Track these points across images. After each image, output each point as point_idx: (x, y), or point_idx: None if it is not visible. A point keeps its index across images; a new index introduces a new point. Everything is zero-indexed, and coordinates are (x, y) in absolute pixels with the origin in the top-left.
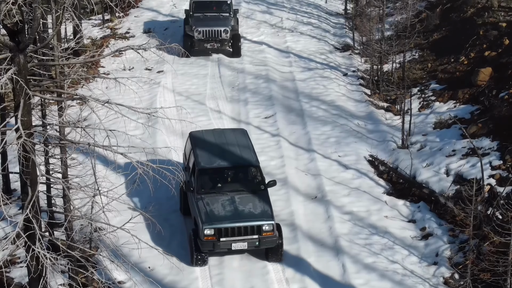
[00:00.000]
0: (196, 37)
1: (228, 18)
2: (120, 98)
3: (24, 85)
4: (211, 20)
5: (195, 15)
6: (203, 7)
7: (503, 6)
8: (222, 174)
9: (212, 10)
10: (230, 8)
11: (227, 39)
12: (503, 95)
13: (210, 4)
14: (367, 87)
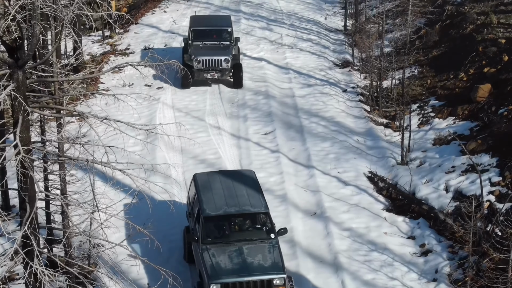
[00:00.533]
0: (196, 66)
1: (229, 47)
2: (120, 115)
3: (22, 102)
4: (211, 49)
5: (194, 43)
6: (202, 35)
7: (502, 23)
8: (229, 222)
9: (212, 38)
10: (231, 36)
11: (228, 68)
12: (502, 111)
13: (210, 32)
14: (366, 103)
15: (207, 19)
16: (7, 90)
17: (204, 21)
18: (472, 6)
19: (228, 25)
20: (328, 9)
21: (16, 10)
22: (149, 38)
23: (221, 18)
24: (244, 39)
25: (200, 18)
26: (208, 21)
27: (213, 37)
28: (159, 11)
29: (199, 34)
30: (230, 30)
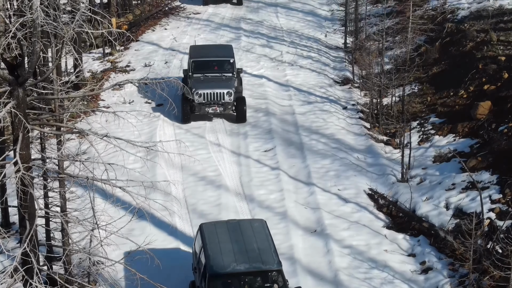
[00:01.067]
0: (197, 100)
1: (231, 79)
2: (120, 132)
3: (23, 119)
4: (212, 81)
5: (195, 75)
6: (203, 67)
7: (502, 40)
8: (238, 281)
9: (214, 70)
10: (233, 68)
11: (231, 102)
12: (502, 129)
13: (211, 64)
14: (366, 120)
15: (207, 49)
16: (8, 107)
17: (204, 51)
18: (472, 23)
19: (230, 56)
20: (328, 27)
21: (17, 27)
22: (150, 55)
23: (223, 48)
24: (245, 56)
25: (200, 48)
26: (208, 52)
27: (214, 68)
28: (160, 28)
29: (199, 66)
30: (232, 61)
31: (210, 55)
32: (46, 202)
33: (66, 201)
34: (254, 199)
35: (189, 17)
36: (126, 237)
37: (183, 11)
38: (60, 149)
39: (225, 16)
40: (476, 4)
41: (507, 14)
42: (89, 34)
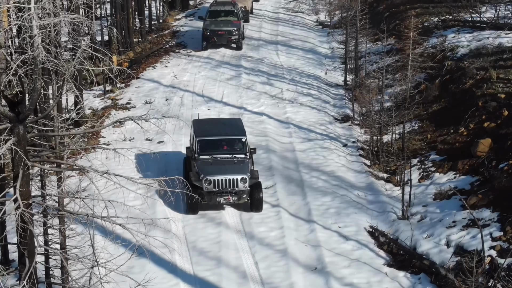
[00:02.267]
0: (206, 188)
1: (244, 162)
2: (120, 169)
3: (23, 156)
4: (223, 165)
5: (202, 157)
6: (211, 147)
7: (501, 78)
8: None
9: (223, 150)
10: (246, 148)
11: (246, 190)
12: (503, 166)
13: (220, 143)
14: (367, 157)
15: (214, 124)
16: (8, 144)
17: (211, 127)
18: (471, 61)
19: (241, 133)
20: (329, 65)
21: (18, 64)
22: (150, 92)
23: (232, 123)
24: (245, 94)
25: (206, 123)
26: (216, 128)
27: (224, 148)
28: (160, 66)
29: (206, 146)
30: (245, 140)
31: (219, 133)
32: (46, 239)
33: (66, 238)
34: (254, 237)
35: (189, 54)
36: (126, 274)
37: (184, 48)
38: (60, 186)
39: (225, 54)
40: (476, 42)
41: (507, 52)
42: (90, 71)
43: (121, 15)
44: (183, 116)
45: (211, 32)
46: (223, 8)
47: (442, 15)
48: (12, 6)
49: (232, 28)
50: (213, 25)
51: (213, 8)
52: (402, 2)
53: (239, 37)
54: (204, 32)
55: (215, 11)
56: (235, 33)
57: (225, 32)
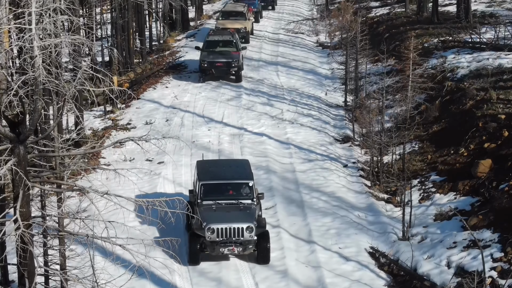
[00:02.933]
0: (208, 237)
1: (251, 208)
2: (120, 189)
3: (23, 176)
4: (227, 211)
5: (205, 203)
6: (215, 191)
7: (501, 99)
8: None
9: (228, 195)
10: (253, 193)
11: (252, 240)
12: (503, 187)
13: (225, 187)
14: (367, 178)
15: (219, 166)
16: (8, 164)
17: (216, 170)
18: (471, 82)
19: (248, 177)
20: (329, 85)
21: (19, 85)
22: (151, 113)
23: (238, 165)
24: (245, 115)
25: (210, 165)
26: (221, 171)
27: (229, 193)
28: (161, 86)
29: (210, 190)
30: (252, 184)
31: (224, 176)
32: (46, 260)
33: (66, 259)
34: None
35: (190, 75)
36: None
37: (185, 69)
38: (60, 206)
39: None
40: (476, 63)
41: (507, 73)
42: (91, 92)
43: (121, 36)
44: (183, 136)
45: (209, 64)
46: (221, 37)
47: (442, 36)
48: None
49: (231, 59)
50: (211, 56)
51: (211, 37)
52: (402, 23)
53: (239, 69)
54: (201, 64)
55: (212, 41)
56: (234, 65)
57: (223, 64)
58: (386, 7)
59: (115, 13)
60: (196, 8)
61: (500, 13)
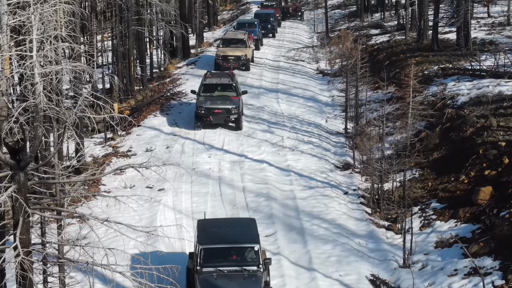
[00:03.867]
0: None
1: (256, 276)
2: (121, 216)
3: (23, 203)
4: (230, 280)
5: (205, 270)
6: (216, 256)
7: (502, 126)
8: None
9: (231, 260)
10: (259, 258)
11: None
12: (504, 214)
13: (228, 252)
14: (367, 205)
15: (221, 227)
16: (8, 191)
17: (217, 231)
18: (471, 109)
19: (254, 240)
20: (329, 112)
21: (19, 112)
22: (151, 140)
23: (243, 225)
24: (246, 142)
25: (212, 226)
26: (223, 232)
27: (233, 258)
28: (161, 113)
29: (211, 256)
30: (258, 249)
31: (226, 239)
32: (45, 287)
33: (66, 286)
34: None
35: (190, 102)
36: None
37: (185, 96)
38: (60, 233)
39: None
40: (476, 90)
41: (507, 100)
42: (91, 119)
43: (122, 63)
44: (184, 163)
45: (206, 111)
46: (219, 81)
47: (442, 63)
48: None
49: (231, 106)
50: (208, 102)
51: (208, 81)
52: (402, 51)
53: (239, 116)
54: (198, 110)
55: (210, 85)
56: (234, 112)
57: (222, 111)
58: (386, 34)
59: (116, 40)
60: (197, 36)
61: (500, 40)
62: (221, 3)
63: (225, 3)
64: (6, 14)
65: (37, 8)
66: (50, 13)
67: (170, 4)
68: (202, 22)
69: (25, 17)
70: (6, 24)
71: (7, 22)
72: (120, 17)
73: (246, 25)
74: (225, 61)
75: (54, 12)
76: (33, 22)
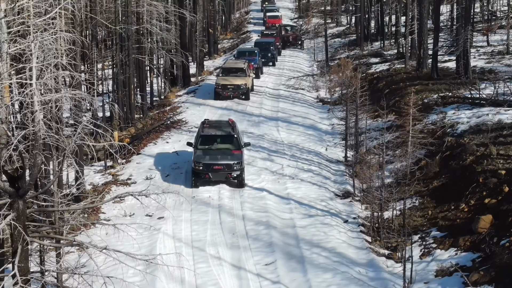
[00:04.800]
0: None
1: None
2: (120, 245)
3: (22, 231)
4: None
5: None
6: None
7: (501, 154)
8: None
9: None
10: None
11: None
12: (504, 243)
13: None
14: (367, 234)
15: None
16: (7, 219)
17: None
18: (471, 137)
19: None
20: (329, 140)
21: (19, 140)
22: (151, 168)
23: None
24: (246, 170)
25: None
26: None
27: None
28: (162, 141)
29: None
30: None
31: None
32: None
33: None
34: None
35: (190, 130)
36: None
37: (185, 124)
38: (59, 261)
39: None
40: (476, 119)
41: (506, 128)
42: (91, 147)
43: (123, 91)
44: (183, 191)
45: (205, 167)
46: (219, 132)
47: (442, 92)
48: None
49: (232, 161)
50: (206, 157)
51: (206, 131)
52: (402, 79)
53: (241, 172)
54: (195, 166)
55: (208, 136)
56: (236, 168)
57: (222, 167)
58: (386, 63)
59: (117, 68)
60: (197, 64)
61: (499, 69)
62: (222, 31)
63: (226, 32)
64: (6, 42)
65: (37, 37)
66: (50, 41)
67: (170, 33)
68: (203, 51)
69: (25, 45)
70: (6, 52)
71: (7, 50)
72: (121, 45)
73: (246, 53)
74: (224, 90)
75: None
76: (33, 50)
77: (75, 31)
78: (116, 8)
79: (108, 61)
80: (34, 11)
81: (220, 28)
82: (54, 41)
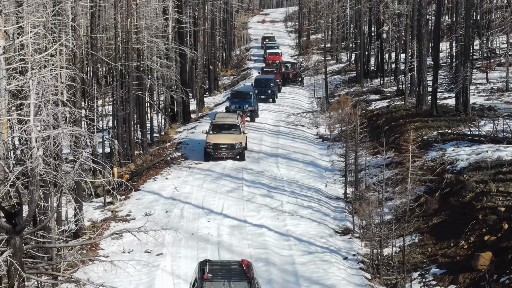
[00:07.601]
0: None
1: None
2: (118, 281)
3: (18, 268)
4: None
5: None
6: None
7: (501, 191)
8: None
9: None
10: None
11: None
12: (504, 280)
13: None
14: (367, 271)
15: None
16: (4, 256)
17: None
18: (471, 174)
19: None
20: (329, 177)
21: (16, 176)
22: (150, 204)
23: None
24: (246, 206)
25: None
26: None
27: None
28: (161, 178)
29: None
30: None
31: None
32: None
33: None
34: None
35: (190, 167)
36: None
37: (185, 161)
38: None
39: (226, 166)
40: (475, 156)
41: (506, 165)
42: (89, 183)
43: (122, 127)
44: (183, 228)
45: None
46: None
47: (441, 128)
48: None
49: None
50: None
51: None
52: (402, 116)
53: None
54: None
55: None
56: None
57: None
58: (385, 100)
59: (117, 105)
60: (198, 101)
61: (499, 106)
62: (222, 68)
63: (226, 69)
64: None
65: (35, 73)
66: (49, 78)
67: (171, 70)
68: (203, 87)
69: (23, 82)
70: (4, 89)
71: (5, 87)
72: (121, 82)
73: (241, 95)
74: (217, 150)
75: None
76: (31, 87)
77: (76, 68)
78: (116, 45)
79: (109, 97)
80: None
81: (221, 64)
82: (53, 77)
